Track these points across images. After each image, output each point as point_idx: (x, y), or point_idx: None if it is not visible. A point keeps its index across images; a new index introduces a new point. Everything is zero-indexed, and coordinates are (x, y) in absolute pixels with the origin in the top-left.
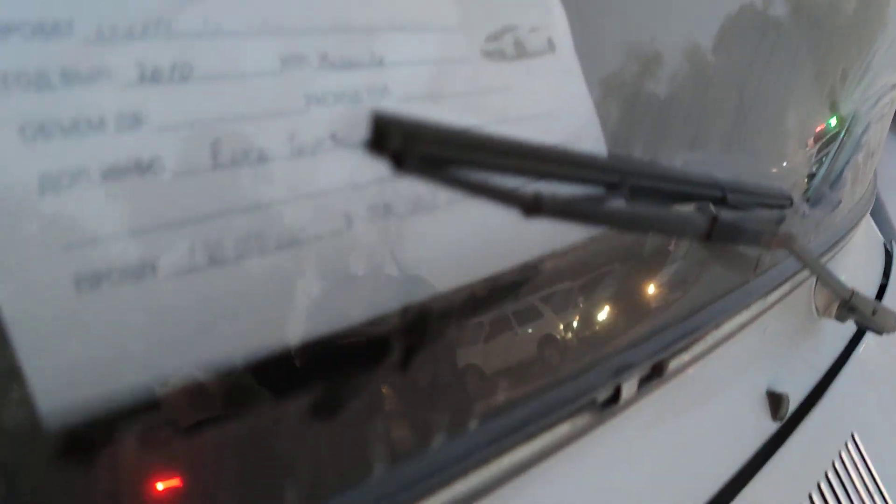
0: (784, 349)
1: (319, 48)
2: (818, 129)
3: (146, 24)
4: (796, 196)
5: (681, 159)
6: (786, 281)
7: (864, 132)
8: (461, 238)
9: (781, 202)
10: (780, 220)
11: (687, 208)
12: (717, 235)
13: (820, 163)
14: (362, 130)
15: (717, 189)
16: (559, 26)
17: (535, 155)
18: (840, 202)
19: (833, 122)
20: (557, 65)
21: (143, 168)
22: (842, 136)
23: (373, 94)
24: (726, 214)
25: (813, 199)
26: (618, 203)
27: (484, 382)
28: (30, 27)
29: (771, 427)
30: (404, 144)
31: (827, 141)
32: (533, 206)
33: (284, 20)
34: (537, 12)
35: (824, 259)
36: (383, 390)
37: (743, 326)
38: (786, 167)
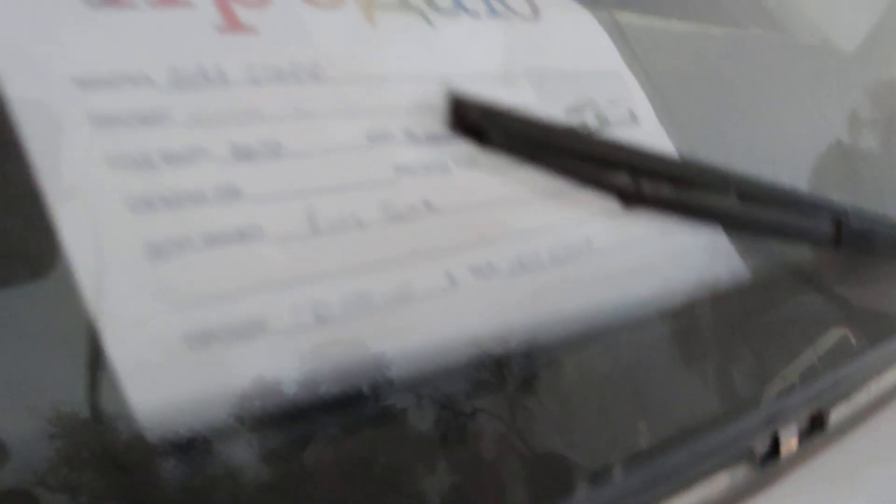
0: None
1: (403, 124)
2: None
3: (234, 110)
4: None
5: None
6: None
7: None
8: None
9: None
10: None
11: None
12: (847, 241)
13: None
14: (455, 197)
15: (837, 211)
16: (638, 99)
17: (630, 150)
18: None
19: None
20: (642, 136)
21: (243, 235)
22: None
23: (459, 163)
24: (856, 218)
25: None
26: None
27: (625, 423)
28: (133, 117)
29: None
30: (486, 120)
31: None
32: (633, 195)
33: (367, 102)
34: (611, 87)
35: None
36: (512, 432)
37: None
38: None
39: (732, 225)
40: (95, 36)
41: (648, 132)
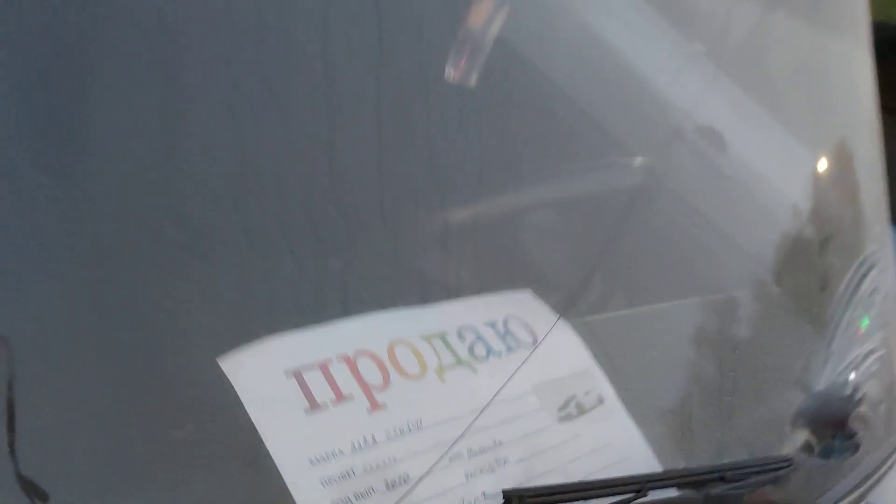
0: None
1: (467, 446)
2: None
3: (384, 461)
4: (802, 455)
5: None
6: None
7: None
8: None
9: (780, 465)
10: (779, 481)
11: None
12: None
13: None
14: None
15: (717, 473)
16: (603, 384)
17: (590, 488)
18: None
19: None
20: (607, 411)
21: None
22: None
23: (500, 464)
24: (722, 489)
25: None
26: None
27: None
28: (345, 484)
29: None
30: None
31: None
32: None
33: (443, 438)
34: (587, 379)
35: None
36: None
37: None
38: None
39: None
40: (314, 432)
41: (610, 408)
